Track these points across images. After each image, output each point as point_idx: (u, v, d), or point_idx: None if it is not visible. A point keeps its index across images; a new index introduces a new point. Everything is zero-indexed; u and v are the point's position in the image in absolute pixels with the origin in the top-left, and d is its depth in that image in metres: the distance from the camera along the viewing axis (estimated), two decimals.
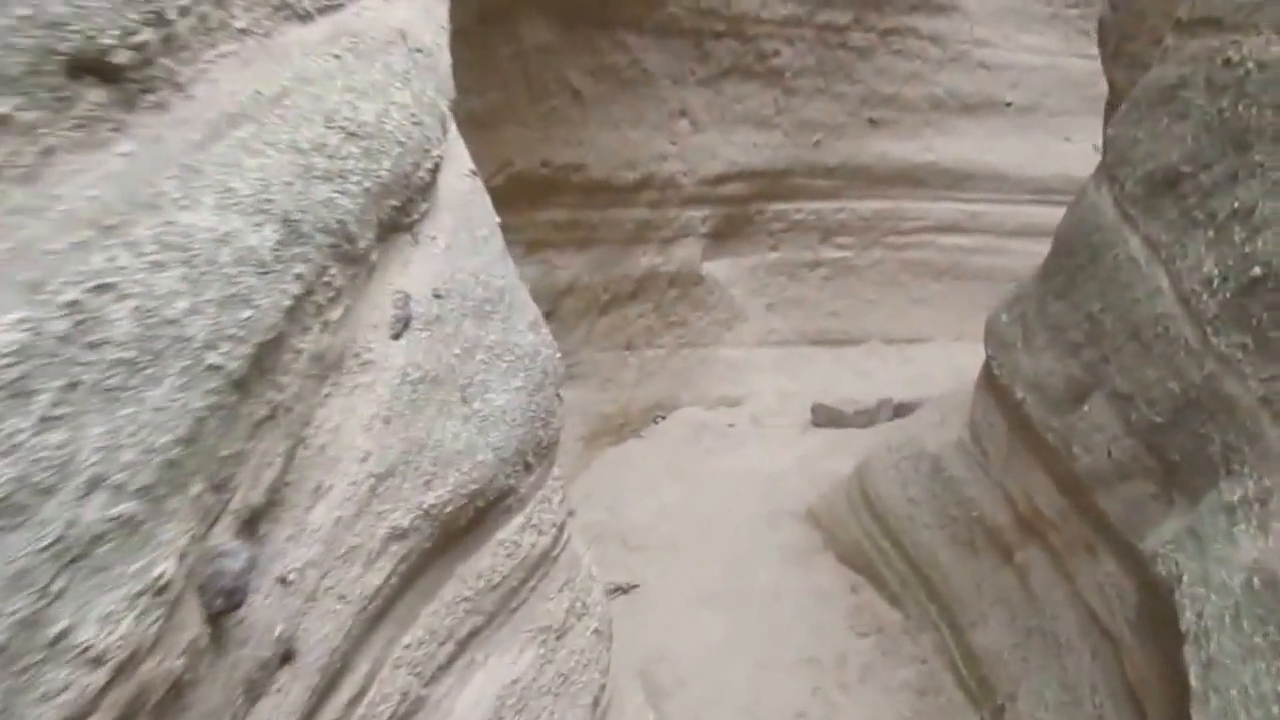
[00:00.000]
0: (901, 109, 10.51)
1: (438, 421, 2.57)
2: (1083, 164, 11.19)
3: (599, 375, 8.70)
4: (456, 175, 3.24)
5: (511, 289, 3.34)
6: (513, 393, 3.05)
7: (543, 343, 3.45)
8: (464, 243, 3.04)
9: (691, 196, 8.89)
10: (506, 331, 3.14)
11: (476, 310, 2.94)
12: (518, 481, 3.08)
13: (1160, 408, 3.44)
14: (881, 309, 11.00)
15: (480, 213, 3.30)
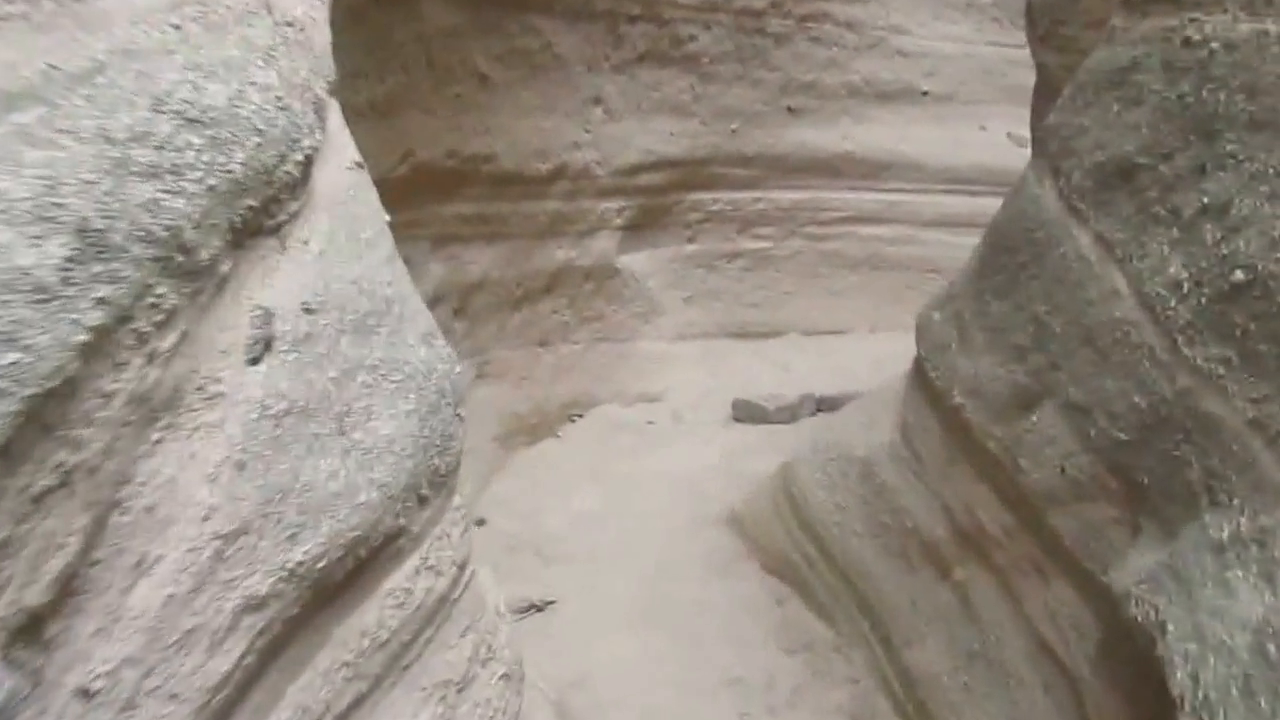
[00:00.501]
0: (820, 97, 10.30)
1: (308, 460, 2.20)
2: (998, 153, 11.14)
3: (512, 373, 8.30)
4: (338, 169, 2.83)
5: (401, 297, 2.94)
6: (402, 418, 2.68)
7: (438, 357, 3.05)
8: (344, 246, 2.63)
9: (606, 188, 8.53)
10: (394, 347, 2.72)
11: (358, 325, 2.54)
12: (409, 519, 2.71)
13: (1124, 423, 3.20)
14: (800, 300, 10.80)
15: (365, 211, 2.88)
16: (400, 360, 2.75)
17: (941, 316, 5.09)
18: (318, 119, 2.64)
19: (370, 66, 5.92)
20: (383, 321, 2.73)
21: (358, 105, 5.89)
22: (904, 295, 11.00)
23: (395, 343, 2.76)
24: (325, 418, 2.29)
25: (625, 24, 8.16)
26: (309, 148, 2.39)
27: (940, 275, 10.92)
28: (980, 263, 4.76)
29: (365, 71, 5.88)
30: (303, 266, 2.35)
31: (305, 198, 2.42)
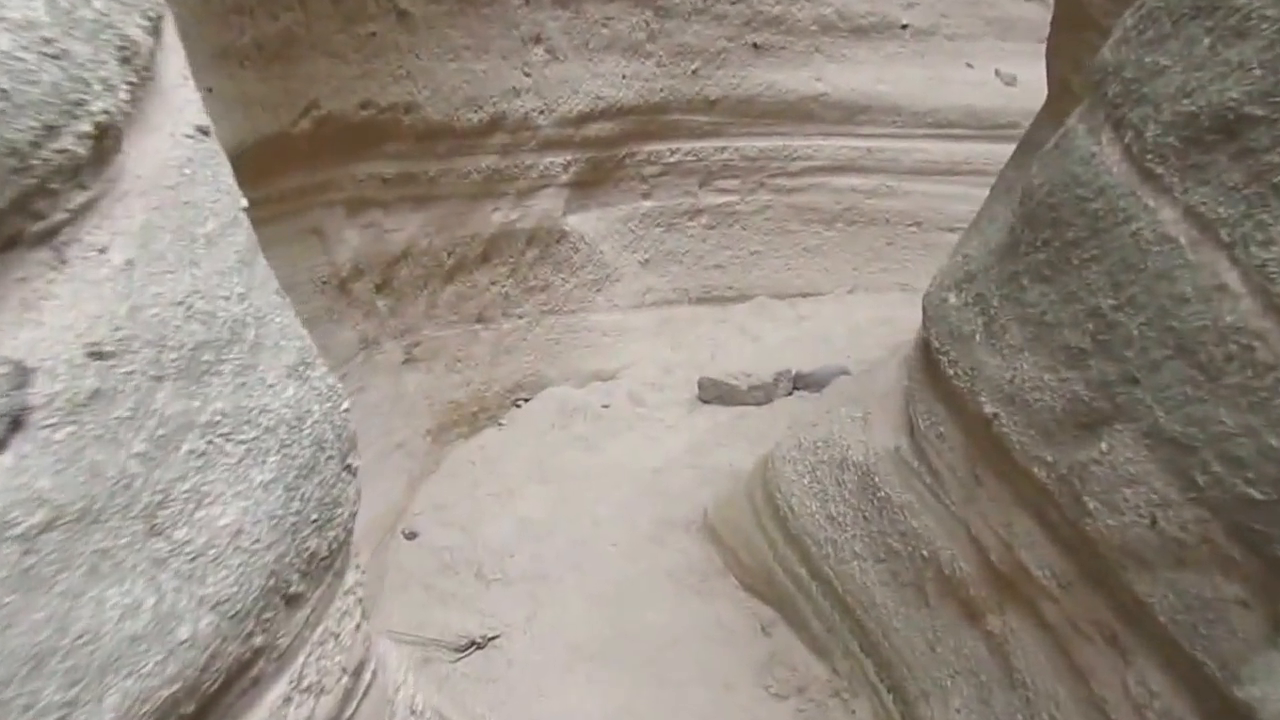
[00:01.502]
0: (789, 32, 9.23)
1: (88, 595, 1.48)
2: (985, 93, 10.15)
3: (446, 354, 7.28)
4: (169, 138, 1.87)
5: (260, 316, 2.03)
6: (257, 494, 1.86)
7: (315, 394, 2.17)
8: (168, 251, 1.77)
9: (550, 139, 7.45)
10: (246, 391, 1.90)
11: (186, 366, 1.73)
12: (272, 634, 1.94)
13: (1254, 475, 2.28)
14: (769, 260, 9.83)
15: (207, 196, 1.95)
16: (255, 409, 1.90)
17: (959, 299, 4.13)
18: (126, 70, 1.67)
19: (255, 0, 4.80)
20: (227, 355, 1.85)
21: (241, 48, 4.79)
22: (884, 252, 10.10)
23: (247, 384, 1.91)
24: (124, 519, 1.55)
25: None
26: (105, 112, 1.52)
27: (921, 229, 10.03)
28: (1010, 235, 3.78)
29: (248, 6, 4.77)
30: (94, 287, 1.60)
31: (104, 185, 1.56)
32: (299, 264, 5.94)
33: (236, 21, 4.67)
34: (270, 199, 5.52)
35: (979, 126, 10.04)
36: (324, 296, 6.17)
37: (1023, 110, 10.01)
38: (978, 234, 5.18)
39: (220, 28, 4.57)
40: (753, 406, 7.75)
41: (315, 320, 6.11)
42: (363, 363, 6.60)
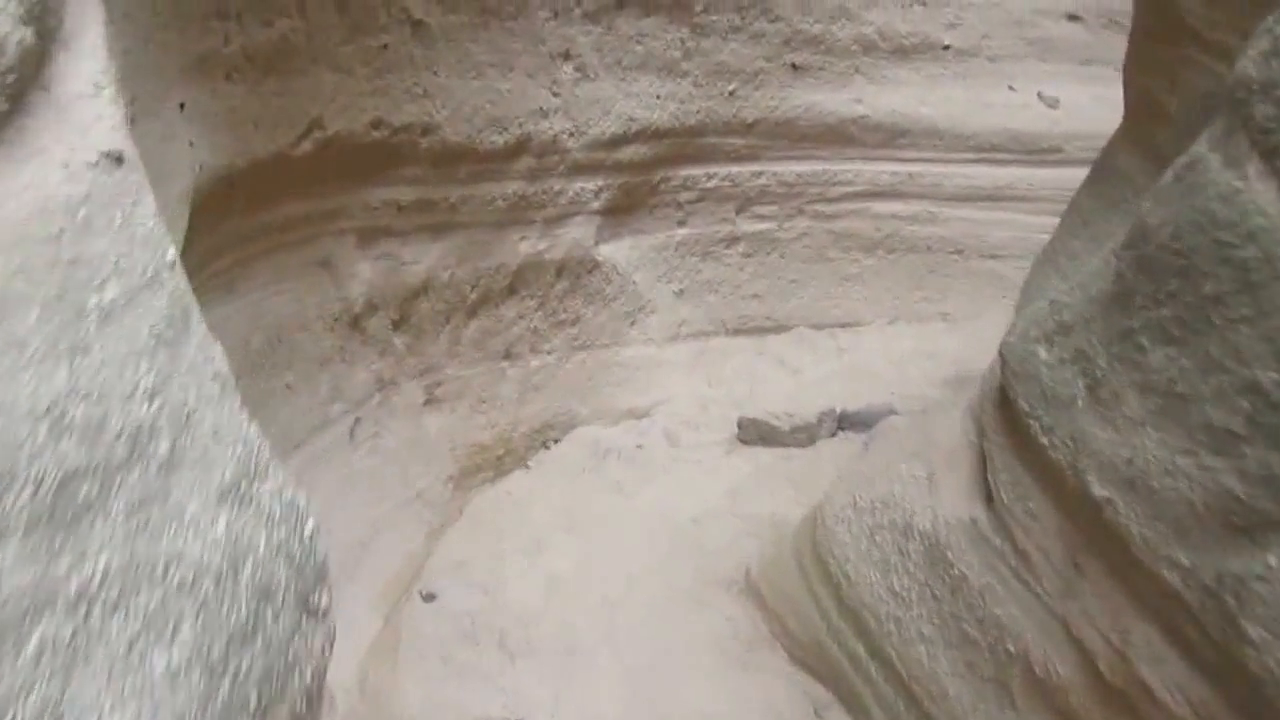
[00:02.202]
0: (828, 52, 8.77)
1: None
2: (1028, 116, 9.61)
3: (470, 395, 6.82)
4: (58, 170, 1.37)
5: (181, 415, 1.51)
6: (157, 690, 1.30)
7: (263, 520, 1.67)
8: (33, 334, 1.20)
9: (581, 164, 7.00)
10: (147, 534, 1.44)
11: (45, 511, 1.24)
12: None
13: None
14: (809, 289, 9.34)
15: (108, 250, 1.45)
16: (161, 559, 1.36)
17: (1052, 355, 3.61)
18: None
19: (242, 4, 4.35)
20: (120, 483, 1.32)
21: (227, 58, 4.34)
22: (925, 280, 9.59)
23: (151, 523, 1.36)
24: None
25: None
26: None
27: (963, 257, 9.54)
28: (1119, 284, 3.27)
29: (233, 10, 4.31)
30: None
31: None
32: (306, 300, 5.50)
33: (219, 28, 4.21)
34: (271, 228, 5.09)
35: (1022, 150, 9.55)
36: (335, 335, 5.73)
37: (1066, 134, 9.53)
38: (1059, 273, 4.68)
39: (198, 34, 4.07)
40: (796, 449, 7.24)
41: (326, 362, 5.67)
42: (379, 405, 6.15)
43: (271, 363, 5.23)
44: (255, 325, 5.08)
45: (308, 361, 5.54)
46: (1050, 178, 9.55)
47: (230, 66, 4.40)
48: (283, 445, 5.29)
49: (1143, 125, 4.59)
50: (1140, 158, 4.55)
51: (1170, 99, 4.16)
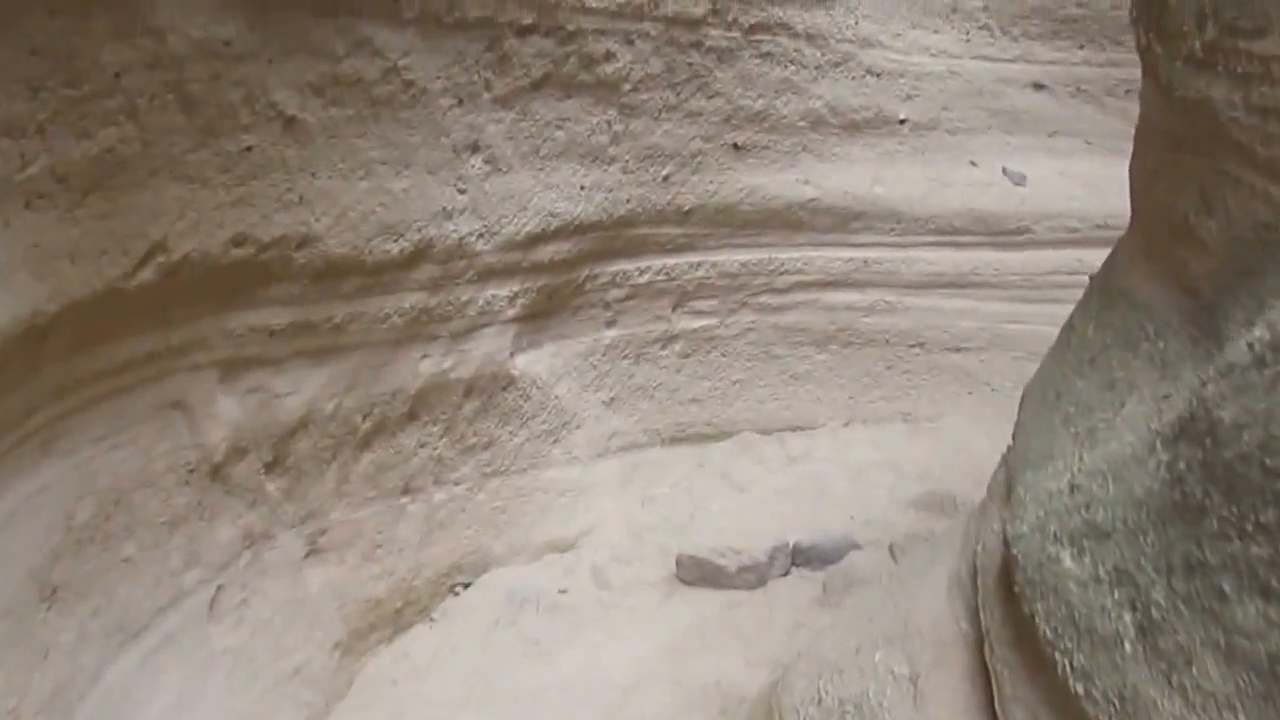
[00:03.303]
0: (773, 130, 7.96)
1: None
2: (992, 195, 8.81)
3: (362, 540, 5.77)
4: None
5: None
6: None
7: None
8: None
9: (493, 268, 6.04)
10: None
11: None
12: None
13: None
14: (754, 390, 8.44)
15: None
16: None
17: (1083, 567, 2.74)
18: None
19: (45, 115, 3.36)
20: None
21: (27, 183, 3.34)
22: (883, 377, 8.75)
23: None
24: None
25: (512, 38, 5.69)
26: None
27: (925, 350, 8.72)
28: (1179, 492, 2.40)
29: (32, 124, 3.32)
30: None
31: None
32: (153, 452, 4.45)
33: (12, 148, 3.21)
34: (102, 374, 4.07)
35: (986, 232, 8.81)
36: (190, 490, 4.67)
37: (1034, 213, 8.81)
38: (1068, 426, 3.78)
39: None
40: (744, 591, 6.28)
41: (179, 523, 4.62)
42: (248, 566, 5.09)
43: (105, 534, 4.18)
44: (82, 492, 4.04)
45: (154, 526, 4.48)
46: (1018, 261, 8.83)
47: (30, 193, 3.39)
48: (118, 636, 4.24)
49: (1164, 247, 3.74)
50: (1163, 287, 3.70)
51: (1206, 222, 3.32)
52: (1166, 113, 3.63)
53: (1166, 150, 3.69)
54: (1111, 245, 9.07)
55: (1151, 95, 3.83)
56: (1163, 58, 3.54)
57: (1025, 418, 4.43)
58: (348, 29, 4.71)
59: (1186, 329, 3.31)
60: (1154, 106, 3.84)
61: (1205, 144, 3.32)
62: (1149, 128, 4.01)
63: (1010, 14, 8.89)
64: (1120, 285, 4.11)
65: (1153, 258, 3.87)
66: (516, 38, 5.70)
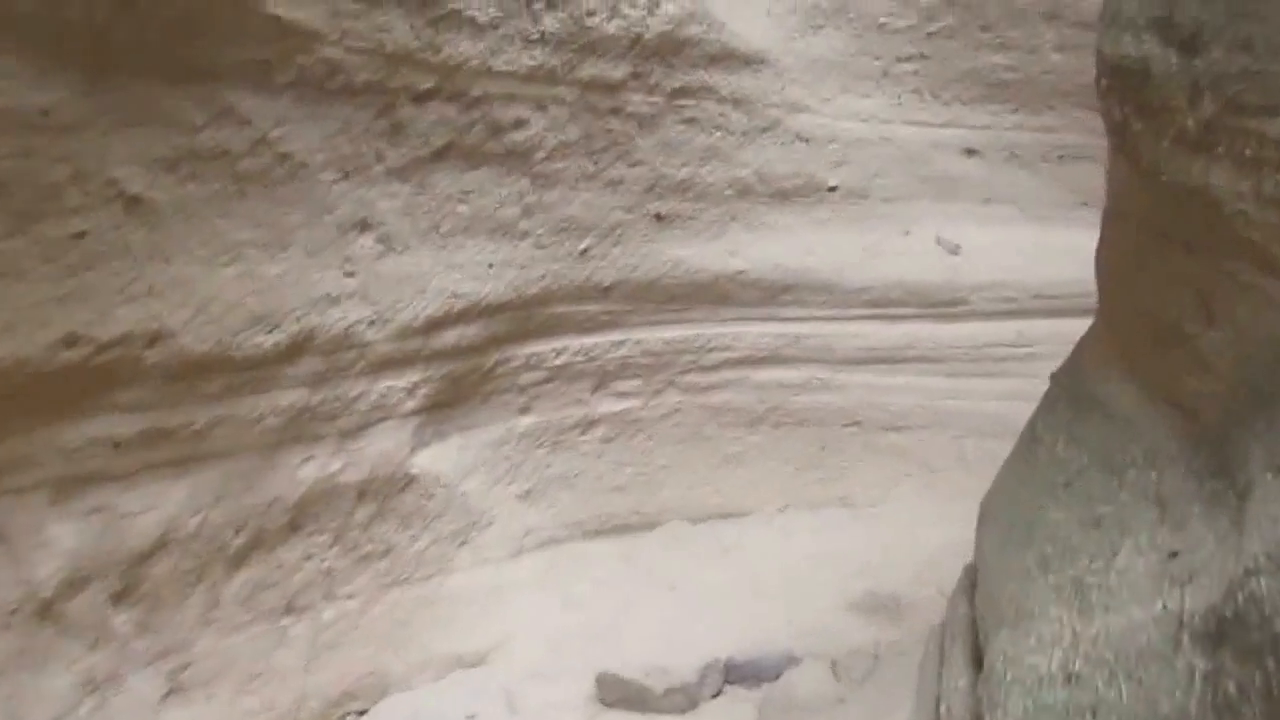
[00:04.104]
0: (699, 199, 7.49)
1: None
2: (926, 265, 8.37)
3: (236, 671, 5.02)
4: None
5: None
6: None
7: None
8: None
9: (387, 358, 5.40)
10: None
11: None
12: None
13: None
14: (682, 475, 7.86)
15: None
16: None
17: None
18: None
19: None
20: None
21: None
22: (819, 458, 8.24)
23: None
24: None
25: (408, 105, 5.12)
26: None
27: (861, 429, 8.24)
28: (1229, 709, 1.84)
29: None
30: None
31: None
32: None
33: None
34: None
35: (922, 304, 8.40)
36: (11, 635, 3.92)
37: (970, 284, 8.43)
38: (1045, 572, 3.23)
39: None
40: (672, 716, 5.63)
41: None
42: (91, 716, 4.32)
43: None
44: None
45: None
46: (955, 334, 8.42)
47: None
48: None
49: (1148, 355, 3.25)
50: (1149, 402, 3.20)
51: (1207, 334, 2.83)
52: (1150, 199, 3.15)
53: (1149, 242, 3.20)
54: (1051, 316, 8.79)
55: (1127, 176, 3.35)
56: (1145, 136, 3.06)
57: (989, 546, 3.89)
58: (207, 97, 4.09)
59: (1188, 460, 2.80)
60: (1131, 190, 3.36)
61: (1204, 240, 2.83)
62: (1122, 213, 3.55)
63: (941, 78, 8.58)
64: (1094, 393, 3.61)
65: (1133, 365, 3.38)
66: (413, 104, 5.12)
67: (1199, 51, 2.79)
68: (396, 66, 4.90)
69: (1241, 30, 2.65)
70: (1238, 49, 2.65)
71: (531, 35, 5.82)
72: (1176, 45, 2.82)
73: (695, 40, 7.05)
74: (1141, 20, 3.03)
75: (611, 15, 6.40)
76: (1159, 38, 2.89)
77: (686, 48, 7.02)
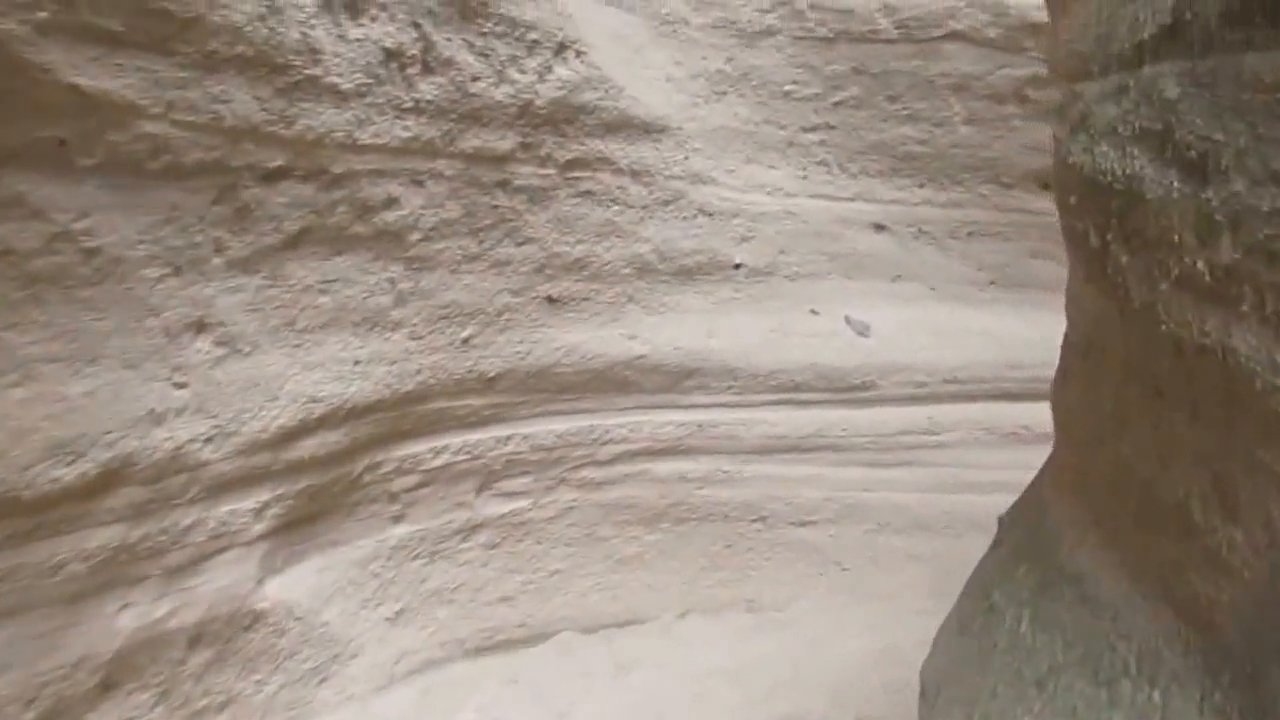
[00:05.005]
0: (594, 279, 6.86)
1: None
2: (835, 347, 7.79)
3: None
4: None
5: None
6: None
7: None
8: None
9: (229, 478, 4.57)
10: None
11: None
12: None
13: None
14: (576, 581, 7.14)
15: None
16: None
17: None
18: None
19: None
20: None
21: None
22: (722, 558, 7.63)
23: None
24: None
25: (255, 186, 4.35)
26: None
27: (767, 525, 7.70)
28: None
29: None
30: None
31: None
32: None
33: None
34: None
35: (830, 389, 7.91)
36: None
37: (880, 366, 7.97)
38: None
39: None
40: None
41: None
42: None
43: None
44: None
45: None
46: (865, 421, 7.93)
47: None
48: None
49: (1137, 537, 2.70)
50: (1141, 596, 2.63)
51: (1224, 528, 2.28)
52: (1140, 346, 2.59)
53: (1139, 398, 2.65)
54: (963, 401, 8.39)
55: (1105, 312, 2.80)
56: (1136, 272, 2.51)
57: None
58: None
59: (1202, 685, 2.23)
60: (1109, 328, 2.81)
61: (1219, 412, 2.27)
62: (1095, 351, 2.99)
63: (848, 149, 8.17)
64: (1063, 564, 3.03)
65: (1114, 539, 2.81)
66: (260, 185, 4.36)
67: (1212, 180, 2.24)
68: (238, 142, 4.14)
69: (1274, 158, 2.11)
70: (1269, 182, 2.11)
71: (405, 103, 5.13)
72: (1179, 168, 2.27)
73: (591, 107, 6.46)
74: (1127, 130, 2.49)
75: (498, 80, 5.76)
76: (1154, 156, 2.35)
77: (581, 115, 6.41)
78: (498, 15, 5.58)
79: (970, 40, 7.88)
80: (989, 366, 8.24)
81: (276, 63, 4.21)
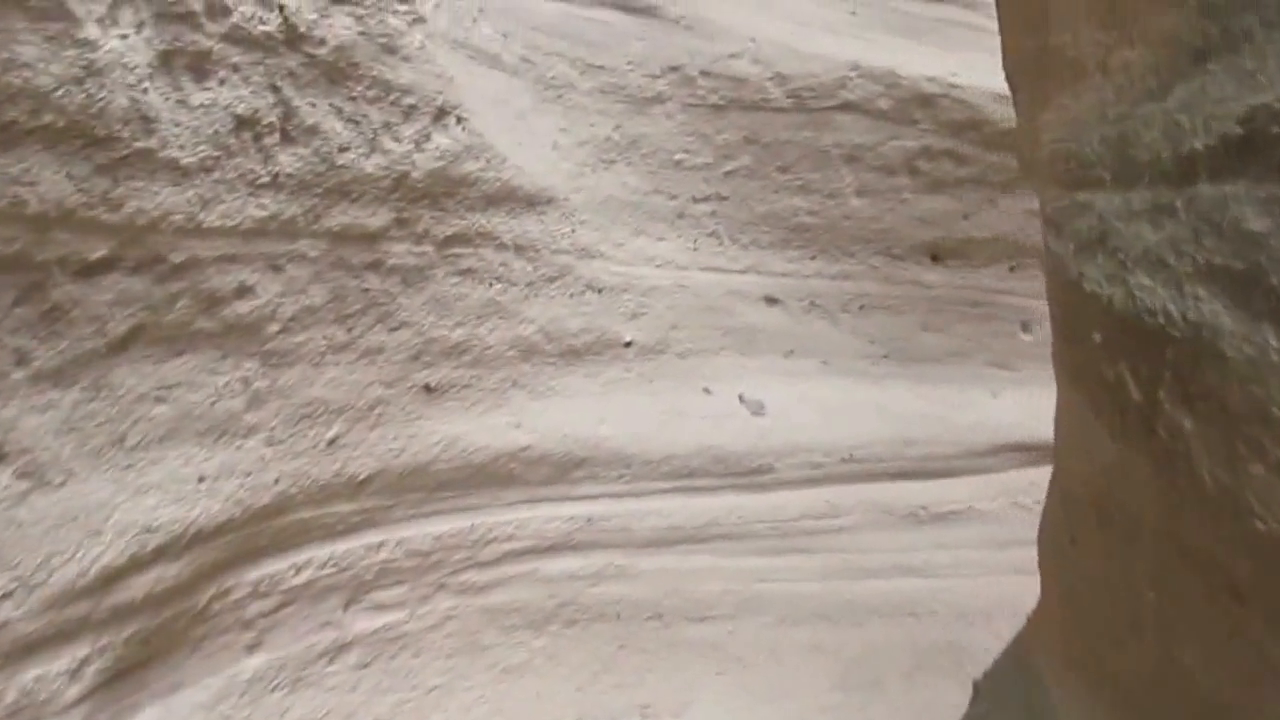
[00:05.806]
0: (476, 364, 6.24)
1: None
2: (730, 429, 7.33)
3: None
4: None
5: None
6: None
7: None
8: None
9: (34, 638, 3.75)
10: None
11: None
12: None
13: None
14: (457, 696, 6.42)
15: None
16: None
17: None
18: None
19: None
20: None
21: None
22: (615, 661, 7.03)
23: None
24: None
25: (68, 283, 3.60)
26: None
27: (663, 623, 7.14)
28: None
29: None
30: None
31: None
32: None
33: None
34: None
35: (726, 474, 7.46)
36: None
37: (777, 448, 7.56)
38: None
39: None
40: None
41: None
42: None
43: None
44: None
45: None
46: (763, 507, 7.51)
47: None
48: None
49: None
50: None
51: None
52: (1207, 535, 2.08)
53: (1202, 596, 2.14)
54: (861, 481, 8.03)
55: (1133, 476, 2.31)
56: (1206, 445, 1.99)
57: None
58: None
59: None
60: (1144, 499, 2.30)
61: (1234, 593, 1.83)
62: (1121, 520, 2.47)
63: (739, 220, 7.80)
64: None
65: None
66: (76, 281, 3.61)
67: None
68: (46, 231, 3.39)
69: None
70: None
71: (261, 178, 4.44)
72: (1272, 320, 1.81)
73: (473, 178, 5.88)
74: (1183, 265, 2.01)
75: (370, 150, 5.12)
76: (1235, 304, 1.87)
77: (462, 188, 5.82)
78: (370, 78, 4.96)
79: (862, 111, 7.64)
80: (885, 444, 7.94)
81: (97, 135, 3.49)
